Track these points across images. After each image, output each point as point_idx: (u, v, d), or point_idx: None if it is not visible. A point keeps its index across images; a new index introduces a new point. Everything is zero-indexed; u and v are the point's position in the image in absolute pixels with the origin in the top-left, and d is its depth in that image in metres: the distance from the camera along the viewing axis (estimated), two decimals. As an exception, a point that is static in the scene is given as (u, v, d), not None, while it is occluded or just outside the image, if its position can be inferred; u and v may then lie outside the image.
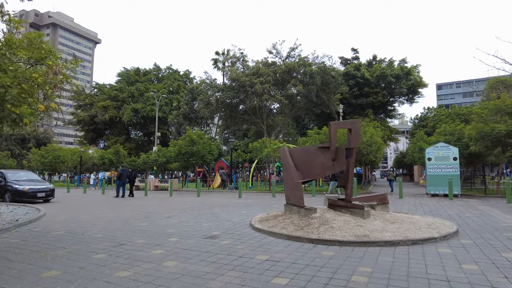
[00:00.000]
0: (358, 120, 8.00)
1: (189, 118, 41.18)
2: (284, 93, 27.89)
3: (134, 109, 56.23)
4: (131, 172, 19.82)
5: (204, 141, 22.61)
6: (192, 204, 14.14)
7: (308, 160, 8.24)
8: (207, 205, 13.65)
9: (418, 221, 7.64)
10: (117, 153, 29.61)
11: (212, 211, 11.29)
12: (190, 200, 16.06)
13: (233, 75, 27.41)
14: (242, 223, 8.59)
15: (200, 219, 9.43)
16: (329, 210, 8.12)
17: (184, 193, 22.59)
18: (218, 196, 18.84)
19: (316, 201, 14.32)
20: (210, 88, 29.92)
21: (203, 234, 7.23)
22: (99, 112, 55.85)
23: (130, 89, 58.35)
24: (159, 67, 63.82)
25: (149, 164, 27.73)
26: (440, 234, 6.51)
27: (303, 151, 8.48)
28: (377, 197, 8.60)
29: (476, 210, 10.98)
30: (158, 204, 14.07)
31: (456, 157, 16.45)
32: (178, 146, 22.42)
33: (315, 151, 8.13)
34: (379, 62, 50.92)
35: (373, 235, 6.32)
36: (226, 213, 10.72)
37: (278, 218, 8.10)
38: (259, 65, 29.33)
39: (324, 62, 29.68)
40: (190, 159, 22.31)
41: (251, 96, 27.46)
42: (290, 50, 29.73)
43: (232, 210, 11.52)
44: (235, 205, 13.28)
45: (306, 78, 28.38)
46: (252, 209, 11.90)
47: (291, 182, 8.21)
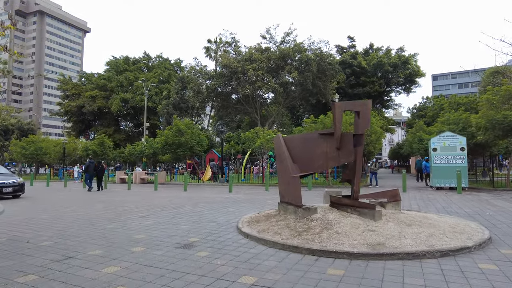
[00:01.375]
0: (369, 101, 6.63)
1: (179, 107, 39.50)
2: (279, 80, 26.42)
3: (123, 99, 54.30)
4: (98, 165, 18.45)
5: (192, 131, 21.11)
6: (176, 200, 12.74)
7: (308, 150, 6.87)
8: (192, 201, 12.26)
9: (438, 223, 6.34)
10: (102, 144, 27.96)
11: (196, 209, 9.90)
12: (175, 195, 14.65)
13: (224, 61, 25.79)
14: (228, 225, 7.22)
15: (180, 220, 8.04)
16: (331, 209, 6.77)
17: (172, 186, 21.16)
18: (207, 190, 17.45)
19: (313, 196, 13.01)
20: (200, 75, 28.29)
21: (177, 241, 5.84)
22: (87, 102, 53.82)
23: (119, 78, 56.28)
24: (149, 56, 61.64)
25: (135, 156, 26.21)
26: (474, 241, 5.20)
27: (302, 139, 7.09)
28: (387, 194, 7.28)
29: (494, 206, 9.75)
30: (138, 200, 12.65)
31: (464, 147, 15.22)
32: (164, 136, 20.90)
33: (316, 139, 6.75)
34: (376, 51, 49.54)
35: (390, 244, 4.99)
36: (211, 211, 9.34)
37: (270, 219, 6.74)
38: (252, 51, 27.74)
39: (320, 48, 28.21)
40: (177, 150, 20.82)
41: (243, 84, 25.90)
42: (284, 35, 28.16)
43: (219, 208, 10.14)
44: (223, 201, 11.90)
45: (302, 65, 26.89)
46: (242, 206, 10.53)
47: (287, 176, 6.84)
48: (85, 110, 53.84)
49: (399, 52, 47.42)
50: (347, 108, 6.56)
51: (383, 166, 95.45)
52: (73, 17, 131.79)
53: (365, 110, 6.58)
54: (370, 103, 6.72)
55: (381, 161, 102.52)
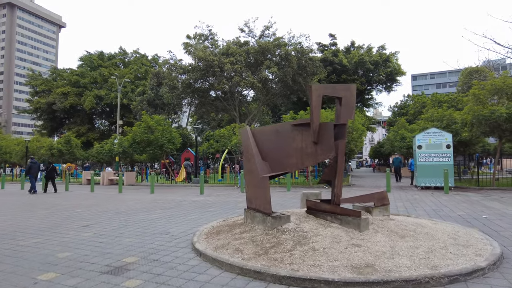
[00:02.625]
0: (353, 85, 5.46)
1: (154, 104, 37.65)
2: (258, 76, 25.19)
3: (97, 96, 51.78)
4: (48, 165, 16.80)
5: (163, 127, 19.55)
6: (136, 204, 11.27)
7: (280, 145, 5.63)
8: (155, 205, 10.84)
9: (435, 232, 5.24)
10: (68, 143, 25.90)
11: (153, 215, 8.50)
12: (138, 199, 13.16)
13: (199, 53, 24.29)
14: (182, 238, 5.89)
15: (127, 230, 6.65)
16: (308, 217, 5.56)
17: (141, 188, 19.56)
18: (177, 192, 16.00)
19: (290, 198, 11.83)
20: (175, 69, 26.72)
21: (108, 262, 4.48)
22: (58, 99, 50.96)
23: (93, 74, 53.69)
24: (125, 51, 59.18)
25: (104, 155, 24.39)
26: (485, 259, 4.09)
27: (273, 132, 5.84)
28: (374, 197, 6.12)
29: (488, 208, 8.82)
30: (93, 204, 11.10)
31: (450, 145, 14.42)
32: (132, 133, 19.26)
33: (290, 131, 5.53)
34: (358, 49, 49.09)
35: (382, 265, 3.81)
36: (169, 219, 7.97)
37: (234, 230, 5.47)
38: (230, 44, 26.40)
39: (301, 42, 27.19)
40: (147, 148, 19.23)
41: (220, 78, 24.51)
42: (264, 29, 26.96)
43: (181, 214, 8.78)
44: (189, 205, 10.54)
45: (282, 60, 25.78)
46: (209, 211, 9.21)
47: (255, 177, 5.59)
48: (56, 107, 50.97)
49: (380, 50, 47.15)
50: (326, 93, 5.37)
51: (363, 165, 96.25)
52: (46, 11, 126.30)
53: (349, 96, 5.41)
54: (354, 88, 5.55)
55: (362, 160, 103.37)
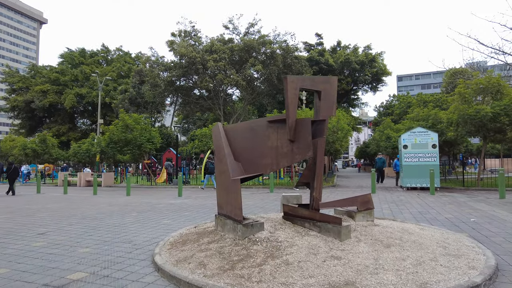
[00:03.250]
0: (334, 78, 4.96)
1: (136, 103, 36.59)
2: (242, 74, 24.59)
3: (78, 94, 50.19)
4: (10, 166, 15.89)
5: (142, 126, 18.70)
6: (107, 207, 10.54)
7: (255, 144, 5.08)
8: (127, 208, 10.13)
9: (423, 240, 4.78)
10: (43, 142, 24.71)
11: (122, 220, 7.82)
12: (112, 201, 12.40)
13: (181, 50, 23.50)
14: (145, 248, 5.26)
15: (86, 239, 5.97)
16: (284, 223, 5.03)
17: (119, 190, 18.71)
18: (154, 194, 15.27)
19: (272, 200, 11.31)
20: (157, 66, 25.85)
21: (47, 281, 3.83)
22: (37, 97, 49.11)
23: (74, 72, 52.04)
24: (107, 48, 57.65)
25: (81, 155, 23.34)
26: (480, 272, 3.63)
27: (247, 130, 5.27)
28: (357, 200, 5.63)
29: (476, 211, 8.48)
30: (60, 208, 10.31)
31: (436, 144, 14.17)
32: (109, 132, 18.35)
33: (265, 129, 4.98)
34: (344, 48, 49.10)
35: (364, 282, 3.29)
36: (138, 224, 7.32)
37: (202, 240, 4.88)
38: (214, 41, 25.71)
39: (286, 40, 26.71)
40: (124, 148, 18.35)
41: (203, 76, 23.78)
42: (249, 26, 26.34)
43: (152, 218, 8.12)
44: (164, 209, 9.88)
45: (267, 58, 25.26)
46: (183, 215, 8.58)
47: (226, 179, 5.02)
48: (34, 105, 49.12)
49: (366, 50, 47.26)
50: (304, 86, 4.84)
51: (349, 165, 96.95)
52: (27, 6, 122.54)
53: (329, 89, 4.90)
54: (335, 81, 5.05)
55: (348, 160, 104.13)
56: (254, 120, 5.34)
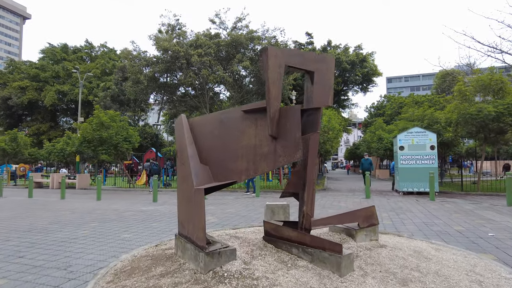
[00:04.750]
0: (330, 57, 3.78)
1: (118, 100, 34.93)
2: (229, 70, 23.32)
3: (59, 91, 48.12)
4: None
5: (118, 124, 17.24)
6: (69, 214, 9.15)
7: (226, 141, 3.86)
8: (90, 216, 8.76)
9: (448, 271, 3.63)
10: (14, 141, 22.94)
11: (75, 233, 6.48)
12: (78, 206, 10.99)
13: (164, 44, 22.11)
14: (80, 280, 3.98)
15: (17, 260, 4.64)
16: (265, 247, 3.81)
17: (92, 193, 17.21)
18: (128, 199, 13.88)
19: (257, 207, 10.09)
20: (138, 61, 24.41)
21: None
22: (14, 94, 46.89)
23: (55, 68, 49.88)
24: (91, 45, 55.59)
25: (55, 155, 21.70)
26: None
27: (217, 123, 4.03)
28: (358, 215, 4.45)
29: (488, 221, 7.41)
30: (12, 216, 8.86)
31: (434, 146, 13.17)
32: (82, 130, 16.82)
33: (240, 121, 3.76)
34: (334, 48, 48.39)
35: None
36: (88, 240, 5.99)
37: (153, 270, 3.62)
38: (200, 36, 24.39)
39: (275, 36, 25.59)
40: (99, 148, 16.85)
41: (187, 72, 22.41)
42: (236, 21, 25.10)
43: (110, 230, 6.80)
44: (131, 218, 8.55)
45: (255, 54, 24.04)
46: (150, 227, 7.28)
47: (188, 188, 3.79)
48: (12, 102, 46.85)
49: (357, 50, 46.63)
50: (291, 63, 3.62)
51: (339, 166, 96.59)
52: (9, 1, 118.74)
53: (324, 70, 3.72)
54: (332, 61, 3.90)
55: (337, 161, 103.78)
56: (226, 110, 4.09)
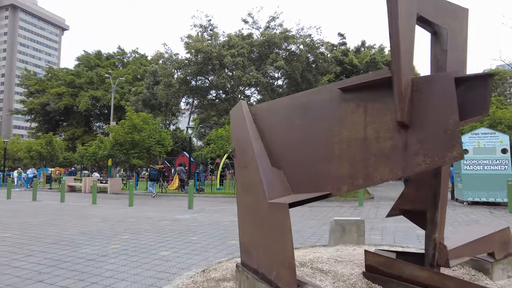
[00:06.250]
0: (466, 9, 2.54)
1: (150, 105, 34.88)
2: (262, 70, 22.33)
3: (93, 96, 49.27)
4: None
5: (151, 127, 16.62)
6: (100, 223, 8.33)
7: (313, 134, 2.69)
8: (122, 226, 7.89)
9: None
10: (49, 144, 23.09)
11: (102, 249, 5.54)
12: (110, 213, 10.23)
13: (197, 45, 21.48)
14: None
15: (35, 285, 3.71)
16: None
17: (124, 198, 16.63)
18: (161, 205, 13.06)
19: (311, 219, 8.82)
20: (170, 64, 23.98)
21: None
22: (52, 100, 48.47)
23: (89, 74, 51.20)
24: (123, 51, 56.79)
25: (87, 159, 21.58)
26: None
27: (297, 109, 2.87)
28: (493, 240, 3.14)
29: None
30: (42, 223, 8.17)
31: (507, 149, 11.37)
32: (114, 133, 16.33)
33: (336, 104, 2.57)
34: (369, 48, 46.48)
35: None
36: (120, 259, 5.00)
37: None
38: (232, 36, 23.60)
39: (311, 35, 24.29)
40: (131, 151, 16.28)
41: (219, 72, 21.63)
42: (269, 20, 24.14)
43: (144, 245, 5.81)
44: (165, 228, 7.57)
45: (290, 54, 22.96)
46: (190, 242, 6.24)
47: (257, 201, 2.66)
48: (50, 108, 48.47)
49: (394, 50, 44.37)
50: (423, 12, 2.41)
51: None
52: (49, 13, 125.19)
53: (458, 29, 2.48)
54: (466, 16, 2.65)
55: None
56: (310, 91, 2.92)
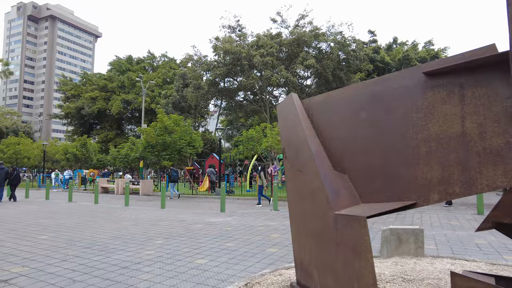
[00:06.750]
0: None
1: (180, 107, 35.26)
2: (292, 70, 21.79)
3: (124, 100, 50.71)
4: (12, 172, 15.42)
5: (182, 128, 16.56)
6: (133, 226, 8.19)
7: (388, 130, 2.21)
8: (156, 229, 7.69)
9: None
10: (84, 147, 23.80)
11: (135, 256, 5.29)
12: (143, 216, 10.12)
13: (225, 46, 21.32)
14: None
15: (60, 303, 3.47)
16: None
17: (156, 199, 16.69)
18: (193, 207, 12.89)
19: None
20: (199, 65, 23.99)
21: None
22: (86, 104, 50.39)
23: (121, 78, 52.79)
24: (153, 55, 58.13)
25: (120, 161, 21.98)
26: None
27: (364, 99, 2.42)
28: None
29: None
30: (76, 224, 8.14)
31: None
32: (146, 135, 16.42)
33: (419, 92, 2.08)
34: (401, 45, 44.71)
35: None
36: (155, 267, 4.71)
37: None
38: (261, 36, 23.25)
39: (342, 32, 23.46)
40: (163, 153, 16.29)
41: (248, 73, 21.33)
42: (299, 18, 23.52)
43: (179, 251, 5.51)
44: (201, 233, 7.28)
45: (320, 52, 22.28)
46: (226, 249, 5.88)
47: (317, 209, 2.20)
48: (84, 112, 50.41)
49: (428, 46, 42.51)
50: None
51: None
52: (84, 22, 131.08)
53: None
54: None
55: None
56: (378, 79, 2.45)
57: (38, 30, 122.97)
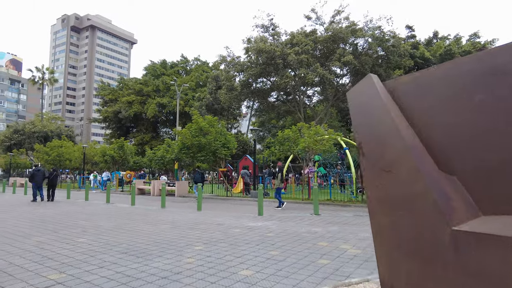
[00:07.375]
0: None
1: (213, 109, 35.37)
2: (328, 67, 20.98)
3: (159, 104, 51.99)
4: (52, 172, 16.03)
5: (216, 129, 16.33)
6: (170, 229, 7.90)
7: None
8: (194, 234, 7.34)
9: None
10: (121, 149, 24.38)
11: (175, 265, 4.90)
12: (179, 218, 9.86)
13: (259, 45, 20.91)
14: None
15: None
16: None
17: (190, 201, 16.56)
18: (229, 210, 12.51)
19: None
20: (232, 67, 23.81)
21: None
22: (123, 108, 52.18)
23: (155, 82, 54.17)
24: (186, 59, 59.15)
25: (156, 162, 22.23)
26: None
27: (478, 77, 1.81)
28: None
29: None
30: (114, 227, 7.99)
31: None
32: (181, 137, 16.34)
33: None
34: (442, 40, 42.21)
35: None
36: (196, 278, 4.28)
37: None
38: (295, 34, 22.63)
39: (381, 26, 22.28)
40: (198, 154, 16.14)
41: (283, 72, 20.76)
42: (334, 14, 22.62)
43: (221, 260, 5.06)
44: (241, 238, 6.81)
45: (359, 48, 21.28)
46: (272, 259, 5.35)
47: (422, 227, 1.61)
48: (121, 115, 52.22)
49: (473, 39, 39.80)
50: None
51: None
52: (121, 30, 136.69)
53: None
54: None
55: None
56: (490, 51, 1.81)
57: (79, 39, 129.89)
